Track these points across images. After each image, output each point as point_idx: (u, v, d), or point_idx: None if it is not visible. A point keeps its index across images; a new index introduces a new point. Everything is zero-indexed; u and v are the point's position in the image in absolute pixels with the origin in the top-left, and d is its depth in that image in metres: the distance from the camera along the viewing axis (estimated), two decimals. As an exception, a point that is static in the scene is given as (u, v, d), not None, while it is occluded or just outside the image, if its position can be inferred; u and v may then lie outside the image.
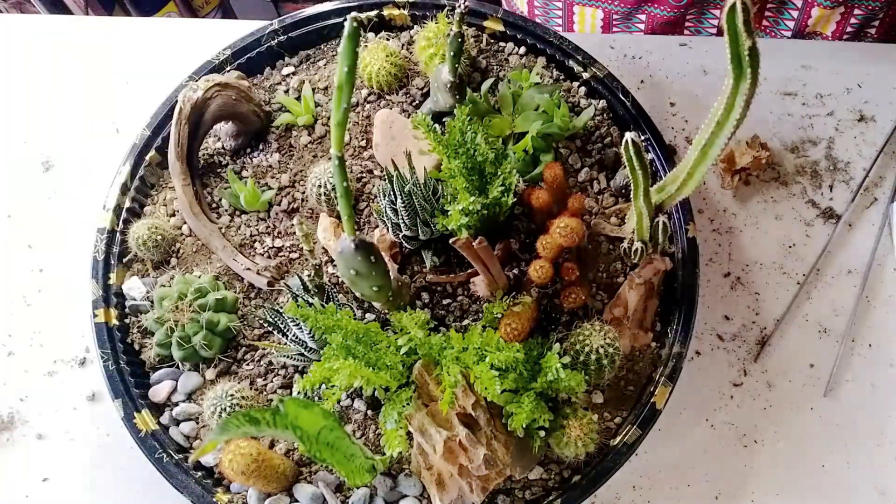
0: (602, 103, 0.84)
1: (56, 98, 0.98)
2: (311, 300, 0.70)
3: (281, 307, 0.74)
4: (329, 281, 0.78)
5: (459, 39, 0.72)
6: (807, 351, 0.83)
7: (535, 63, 0.87)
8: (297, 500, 0.72)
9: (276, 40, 0.88)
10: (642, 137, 0.82)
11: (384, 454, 0.64)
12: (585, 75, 0.85)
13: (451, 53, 0.73)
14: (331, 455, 0.58)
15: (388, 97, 0.86)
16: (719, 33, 1.03)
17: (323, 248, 0.80)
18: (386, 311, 0.75)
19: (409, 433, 0.67)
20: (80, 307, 0.83)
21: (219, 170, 0.85)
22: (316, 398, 0.73)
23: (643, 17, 1.06)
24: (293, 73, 0.89)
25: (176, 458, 0.73)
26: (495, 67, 0.87)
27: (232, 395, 0.73)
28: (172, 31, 1.02)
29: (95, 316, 0.78)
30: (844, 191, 0.90)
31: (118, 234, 0.81)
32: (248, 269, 0.78)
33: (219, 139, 0.87)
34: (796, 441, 0.81)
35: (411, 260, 0.79)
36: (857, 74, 0.94)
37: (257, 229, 0.82)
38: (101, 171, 0.87)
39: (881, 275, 0.86)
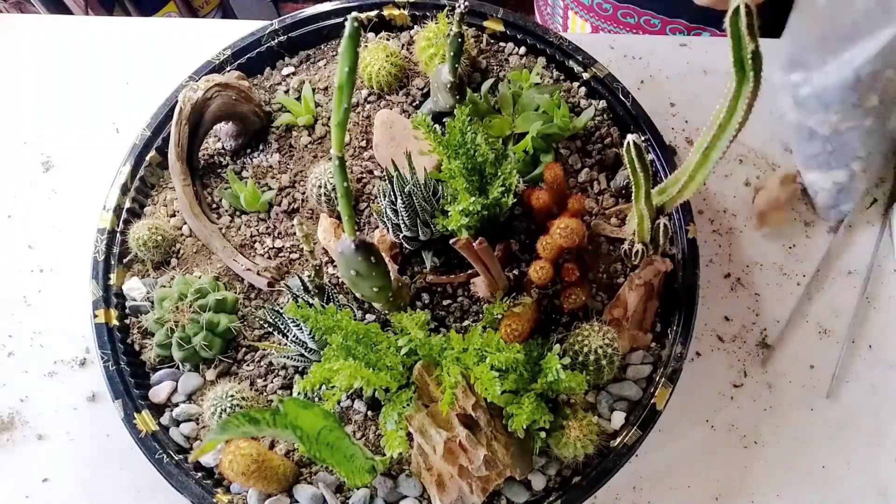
0: (602, 104, 0.84)
1: (56, 98, 0.98)
2: (311, 301, 0.70)
3: (281, 308, 0.74)
4: (329, 281, 0.78)
5: (459, 39, 0.72)
6: (807, 352, 0.83)
7: (535, 63, 0.87)
8: (297, 501, 0.71)
9: (276, 40, 0.88)
10: (643, 138, 0.81)
11: (384, 455, 0.64)
12: (585, 75, 0.85)
13: (451, 53, 0.73)
14: (331, 455, 0.58)
15: (388, 97, 0.86)
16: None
17: (323, 248, 0.80)
18: (386, 311, 0.75)
19: (409, 434, 0.67)
20: (80, 307, 0.83)
21: (219, 170, 0.85)
22: (316, 399, 0.74)
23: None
24: (293, 73, 0.89)
25: (176, 458, 0.73)
26: (495, 67, 0.87)
27: (232, 396, 0.73)
28: (172, 31, 1.02)
29: (95, 316, 0.78)
30: (845, 191, 0.90)
31: (118, 234, 0.81)
32: (249, 269, 0.78)
33: (219, 139, 0.86)
34: (796, 442, 0.81)
35: (411, 260, 0.79)
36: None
37: (257, 230, 0.82)
38: (101, 171, 0.87)
39: (881, 276, 0.86)
